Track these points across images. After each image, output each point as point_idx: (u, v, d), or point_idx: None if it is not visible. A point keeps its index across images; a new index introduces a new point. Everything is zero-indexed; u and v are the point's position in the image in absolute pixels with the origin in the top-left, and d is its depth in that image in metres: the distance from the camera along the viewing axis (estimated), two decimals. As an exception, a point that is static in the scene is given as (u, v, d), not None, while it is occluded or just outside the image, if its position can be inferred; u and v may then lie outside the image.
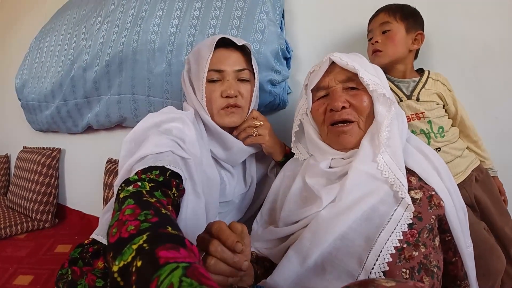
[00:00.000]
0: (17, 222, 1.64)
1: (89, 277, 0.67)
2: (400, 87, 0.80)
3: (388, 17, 0.80)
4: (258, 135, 0.81)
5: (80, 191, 1.84)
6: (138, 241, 0.37)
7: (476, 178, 0.78)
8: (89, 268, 0.70)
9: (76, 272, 0.69)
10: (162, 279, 0.31)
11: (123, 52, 1.27)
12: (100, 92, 1.44)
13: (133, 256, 0.36)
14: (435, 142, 0.77)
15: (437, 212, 0.59)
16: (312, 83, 0.70)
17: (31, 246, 1.50)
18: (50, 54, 1.73)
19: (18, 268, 1.30)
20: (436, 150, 0.76)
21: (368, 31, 0.86)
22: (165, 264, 0.33)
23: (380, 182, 0.59)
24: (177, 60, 1.12)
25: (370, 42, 0.84)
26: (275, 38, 0.97)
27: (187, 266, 0.32)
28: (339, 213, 0.58)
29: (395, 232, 0.54)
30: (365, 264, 0.53)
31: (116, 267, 0.36)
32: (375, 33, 0.82)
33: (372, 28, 0.83)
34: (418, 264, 0.54)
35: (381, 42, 0.80)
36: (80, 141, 1.77)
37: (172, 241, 0.37)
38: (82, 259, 0.72)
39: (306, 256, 0.57)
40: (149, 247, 0.36)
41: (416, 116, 0.78)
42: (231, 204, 0.87)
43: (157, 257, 0.34)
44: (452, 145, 0.78)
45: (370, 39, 0.84)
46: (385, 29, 0.80)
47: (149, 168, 0.57)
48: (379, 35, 0.81)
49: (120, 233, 0.40)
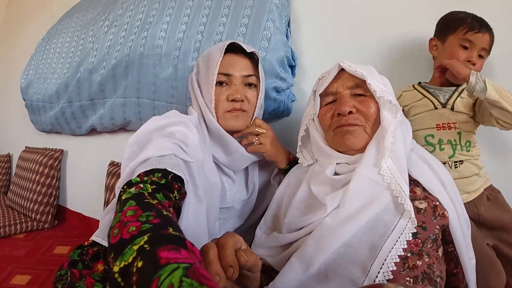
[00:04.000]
0: (16, 222, 1.64)
1: (88, 280, 0.67)
2: (436, 94, 0.79)
3: (489, 44, 0.76)
4: (260, 143, 0.81)
5: (81, 193, 1.83)
6: (139, 241, 0.37)
7: (487, 196, 0.77)
8: (88, 271, 0.69)
9: (75, 274, 0.68)
10: (162, 279, 0.31)
11: (129, 56, 1.29)
12: (105, 94, 1.45)
13: (134, 256, 0.36)
14: (460, 154, 0.76)
15: (441, 222, 0.59)
16: (320, 88, 0.71)
17: (30, 246, 1.50)
18: (57, 55, 1.75)
19: (16, 267, 1.29)
20: (459, 163, 0.76)
21: (462, 36, 0.76)
22: (166, 265, 0.33)
23: (383, 188, 0.59)
24: (183, 65, 1.14)
25: (465, 53, 0.76)
26: (281, 46, 0.98)
27: (188, 267, 0.32)
28: (344, 220, 0.57)
29: (400, 241, 0.54)
30: (369, 272, 0.53)
31: (117, 267, 0.36)
32: (473, 52, 0.76)
33: (472, 40, 0.75)
34: (422, 273, 0.54)
35: (473, 65, 0.75)
36: (83, 143, 1.78)
37: (173, 242, 0.37)
38: (82, 261, 0.71)
39: (309, 263, 0.56)
40: (150, 247, 0.36)
41: (448, 125, 0.77)
42: (231, 210, 0.86)
43: (158, 257, 0.34)
44: (474, 161, 0.77)
45: (465, 47, 0.77)
46: (482, 53, 0.77)
47: (152, 170, 0.57)
48: (476, 57, 0.76)
49: (121, 234, 0.40)
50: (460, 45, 0.77)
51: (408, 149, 0.67)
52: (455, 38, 0.78)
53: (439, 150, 0.77)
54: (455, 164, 0.76)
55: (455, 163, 0.76)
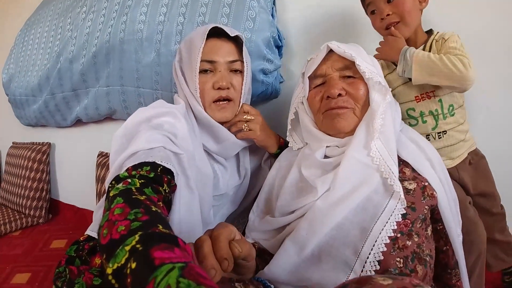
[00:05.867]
0: (11, 220, 1.63)
1: (86, 275, 0.67)
2: None
3: None
4: (249, 130, 0.80)
5: (73, 185, 1.82)
6: (130, 242, 0.37)
7: (470, 161, 0.78)
8: (86, 267, 0.70)
9: (73, 271, 0.68)
10: (159, 280, 0.31)
11: (110, 43, 1.23)
12: (88, 84, 1.40)
13: (127, 257, 0.35)
14: (443, 124, 0.74)
15: (430, 202, 0.59)
16: (309, 70, 0.70)
17: (26, 244, 1.50)
18: (36, 46, 1.69)
19: (15, 266, 1.30)
20: (442, 134, 0.74)
21: (367, 4, 0.76)
22: (161, 265, 0.32)
23: (372, 170, 0.60)
24: (166, 50, 1.09)
25: (376, 17, 0.75)
26: (266, 26, 0.94)
27: (183, 266, 0.32)
28: (335, 203, 0.58)
29: (389, 222, 0.55)
30: (360, 253, 0.54)
31: (110, 269, 0.36)
32: (378, 5, 0.73)
33: (373, 3, 0.74)
34: (412, 253, 0.55)
35: (392, 13, 0.72)
36: (70, 135, 1.75)
37: (165, 240, 0.37)
38: (79, 257, 0.71)
39: (303, 246, 0.57)
40: (142, 247, 0.35)
41: (427, 95, 0.74)
42: (225, 197, 0.86)
43: (152, 258, 0.33)
44: (458, 128, 0.75)
45: (373, 12, 0.75)
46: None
47: (140, 164, 0.56)
48: (385, 6, 0.72)
49: (111, 234, 0.40)
50: (370, 14, 0.77)
51: (398, 130, 0.67)
52: (365, 10, 0.78)
53: (421, 122, 0.76)
54: (439, 135, 0.75)
55: (439, 134, 0.75)
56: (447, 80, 0.65)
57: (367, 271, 0.53)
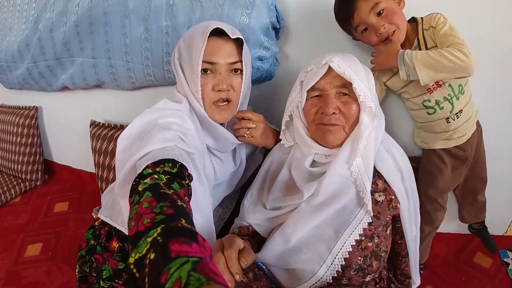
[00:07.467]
0: (9, 187, 1.65)
1: (111, 262, 0.75)
2: None
3: None
4: (251, 136, 0.82)
5: (65, 147, 1.81)
6: (152, 233, 0.39)
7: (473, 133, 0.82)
8: (108, 254, 0.77)
9: (99, 259, 0.76)
10: (172, 272, 0.32)
11: (92, 12, 1.15)
12: (72, 53, 1.33)
13: (148, 248, 0.37)
14: (458, 104, 0.76)
15: (393, 212, 0.72)
16: (308, 84, 0.73)
17: (29, 210, 1.52)
18: (11, 8, 1.53)
19: (25, 237, 1.32)
20: (459, 113, 0.77)
21: (355, 26, 0.75)
22: (176, 258, 0.34)
23: (350, 182, 0.70)
24: (156, 26, 1.04)
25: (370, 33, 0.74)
26: (265, 12, 0.89)
27: (197, 261, 0.33)
28: (317, 207, 0.70)
29: (358, 228, 0.68)
30: (332, 250, 0.67)
31: (132, 259, 0.38)
32: (369, 22, 0.72)
33: (360, 21, 0.73)
34: (371, 252, 0.69)
35: (387, 24, 0.72)
36: (57, 99, 1.68)
37: (185, 235, 0.38)
38: (99, 244, 0.79)
39: (288, 239, 0.70)
40: (162, 240, 0.37)
41: (437, 84, 0.76)
42: (221, 184, 0.92)
43: (169, 250, 0.35)
44: (470, 101, 0.78)
45: (365, 30, 0.75)
46: (378, 10, 0.71)
47: (162, 161, 0.57)
48: (377, 20, 0.72)
49: (137, 226, 0.42)
50: (361, 33, 0.76)
51: (378, 146, 0.73)
52: (355, 32, 0.78)
53: (439, 110, 0.78)
54: (457, 115, 0.78)
55: (456, 114, 0.78)
56: (454, 73, 0.68)
57: (335, 264, 0.67)
